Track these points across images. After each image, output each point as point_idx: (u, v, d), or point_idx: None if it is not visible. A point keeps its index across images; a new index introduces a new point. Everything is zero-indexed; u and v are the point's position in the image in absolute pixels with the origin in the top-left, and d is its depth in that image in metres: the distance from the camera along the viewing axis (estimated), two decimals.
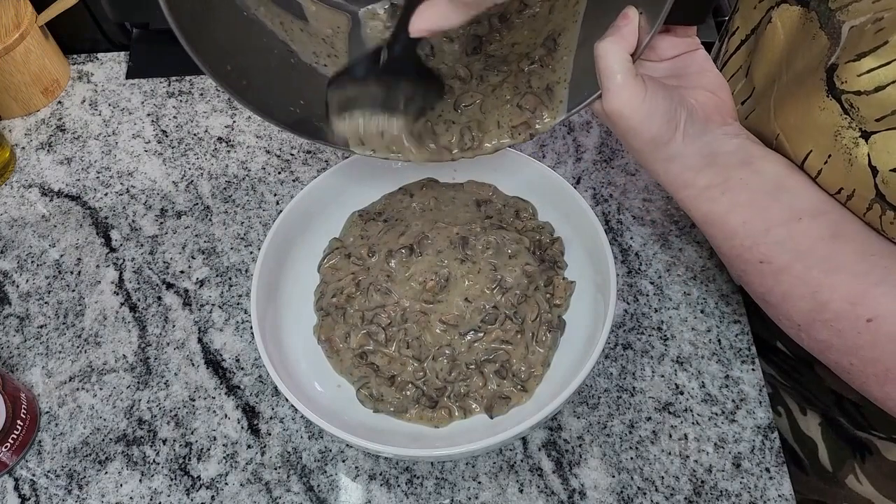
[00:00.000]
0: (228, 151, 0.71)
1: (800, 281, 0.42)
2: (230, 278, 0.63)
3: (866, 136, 0.38)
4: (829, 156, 0.41)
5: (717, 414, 0.54)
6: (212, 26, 0.42)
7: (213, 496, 0.52)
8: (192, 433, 0.55)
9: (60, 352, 0.59)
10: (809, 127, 0.42)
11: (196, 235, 0.65)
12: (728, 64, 0.55)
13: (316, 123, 0.48)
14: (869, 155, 0.39)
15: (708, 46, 0.64)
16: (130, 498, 0.53)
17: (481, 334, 0.52)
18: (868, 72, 0.38)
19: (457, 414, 0.50)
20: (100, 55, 0.79)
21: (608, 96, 0.42)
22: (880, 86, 0.37)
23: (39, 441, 0.55)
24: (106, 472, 0.54)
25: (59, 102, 0.75)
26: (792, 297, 0.42)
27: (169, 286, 0.63)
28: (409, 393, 0.51)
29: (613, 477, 0.52)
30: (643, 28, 0.41)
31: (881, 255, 0.40)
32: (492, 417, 0.50)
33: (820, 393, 0.59)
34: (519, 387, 0.50)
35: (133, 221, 0.67)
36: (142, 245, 0.65)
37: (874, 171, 0.39)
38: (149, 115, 0.74)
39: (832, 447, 0.60)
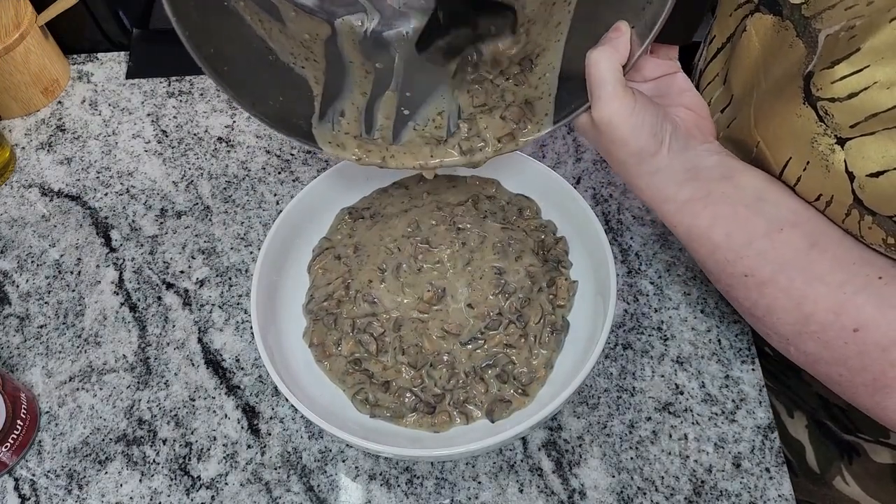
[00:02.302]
0: (228, 151, 0.71)
1: (784, 293, 0.42)
2: (230, 278, 0.63)
3: (842, 142, 0.39)
4: (808, 163, 0.41)
5: (717, 414, 0.54)
6: (196, 7, 0.43)
7: (213, 496, 0.52)
8: (192, 433, 0.55)
9: (60, 352, 0.59)
10: (788, 135, 0.42)
11: (196, 235, 0.65)
12: (706, 71, 0.55)
13: (295, 121, 0.48)
14: (845, 161, 0.39)
15: (694, 47, 0.64)
16: (130, 498, 0.53)
17: (482, 341, 0.51)
18: (841, 79, 0.38)
19: (458, 420, 0.50)
20: (100, 55, 0.79)
21: (598, 104, 0.42)
22: (853, 92, 0.37)
23: (39, 441, 0.55)
24: (106, 472, 0.54)
25: (59, 102, 0.75)
26: (777, 310, 0.42)
27: (169, 286, 0.63)
28: (406, 400, 0.50)
29: (613, 477, 0.52)
30: (634, 42, 0.42)
31: (860, 263, 0.40)
32: (493, 421, 0.49)
33: (807, 397, 0.59)
34: (520, 391, 0.50)
35: (133, 221, 0.67)
36: (142, 245, 0.65)
37: (851, 176, 0.39)
38: (149, 115, 0.74)
39: (819, 449, 0.61)
